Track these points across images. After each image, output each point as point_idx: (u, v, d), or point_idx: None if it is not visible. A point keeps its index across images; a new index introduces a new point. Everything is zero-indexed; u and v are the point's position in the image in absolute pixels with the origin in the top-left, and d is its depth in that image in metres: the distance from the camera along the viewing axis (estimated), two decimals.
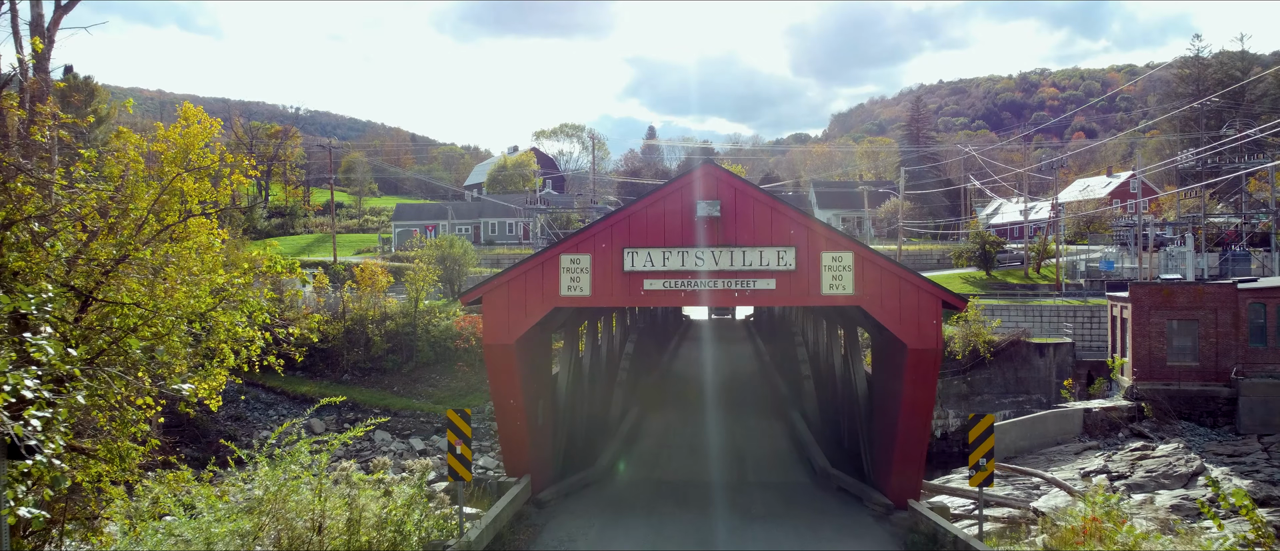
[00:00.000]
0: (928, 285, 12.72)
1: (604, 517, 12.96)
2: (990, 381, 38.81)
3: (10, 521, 9.46)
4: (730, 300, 13.10)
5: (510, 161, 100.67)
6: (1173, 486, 27.37)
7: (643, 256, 12.74)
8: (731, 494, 14.36)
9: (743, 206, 12.84)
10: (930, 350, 12.19)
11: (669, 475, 16.06)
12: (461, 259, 47.55)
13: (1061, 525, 8.90)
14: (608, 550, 11.16)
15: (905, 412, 12.39)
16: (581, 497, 14.30)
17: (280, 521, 7.15)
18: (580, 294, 12.76)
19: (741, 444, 18.57)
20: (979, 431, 9.93)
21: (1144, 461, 29.98)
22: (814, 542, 11.50)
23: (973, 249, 51.01)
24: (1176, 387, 32.47)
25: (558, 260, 12.84)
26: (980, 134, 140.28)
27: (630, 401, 21.99)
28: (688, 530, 12.26)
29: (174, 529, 6.84)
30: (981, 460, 9.79)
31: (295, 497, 7.49)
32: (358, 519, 7.73)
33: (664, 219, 12.84)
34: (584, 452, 17.16)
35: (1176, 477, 28.44)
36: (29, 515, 5.02)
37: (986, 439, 10.47)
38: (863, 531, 12.20)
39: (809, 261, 12.57)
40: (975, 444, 9.91)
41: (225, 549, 6.57)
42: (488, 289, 13.24)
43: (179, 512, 7.12)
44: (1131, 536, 7.07)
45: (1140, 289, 33.85)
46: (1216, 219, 57.87)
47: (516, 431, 12.97)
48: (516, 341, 12.77)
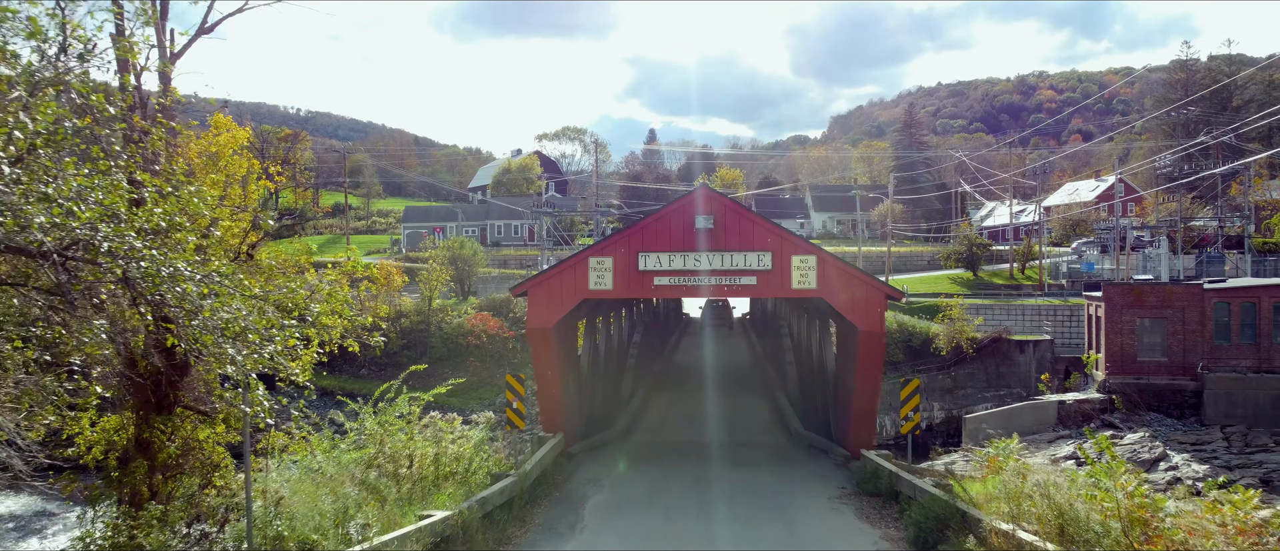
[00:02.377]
0: (874, 282, 16.06)
1: (622, 464, 16.35)
2: (973, 376, 40.22)
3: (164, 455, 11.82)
4: (722, 292, 16.28)
5: (514, 164, 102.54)
6: (1136, 470, 29.48)
7: (654, 258, 16.01)
8: (723, 450, 17.84)
9: (731, 220, 16.14)
10: (877, 332, 15.39)
11: (672, 438, 19.50)
12: (472, 260, 49.53)
13: (970, 463, 11.33)
14: (626, 482, 14.63)
15: (859, 382, 15.59)
16: (602, 452, 17.74)
17: (383, 455, 9.65)
18: (605, 288, 15.98)
19: (732, 416, 21.90)
20: (907, 392, 13.09)
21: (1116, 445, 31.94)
22: (786, 480, 14.82)
23: (960, 251, 52.90)
24: (1146, 382, 33.86)
25: (587, 261, 16.11)
26: (976, 137, 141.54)
27: (638, 383, 25.47)
28: (687, 473, 15.46)
29: (313, 461, 9.22)
30: (909, 413, 12.61)
31: (392, 440, 9.98)
32: (441, 454, 10.24)
33: (670, 230, 16.15)
34: (602, 421, 20.48)
35: (1140, 462, 30.46)
36: None
37: (913, 397, 14.17)
38: (825, 473, 15.45)
39: (782, 263, 15.82)
40: (905, 401, 12.77)
41: (351, 472, 9.01)
42: (532, 284, 16.59)
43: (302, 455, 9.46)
44: (1012, 461, 9.28)
45: (1113, 289, 34.99)
46: (1196, 222, 59.67)
47: (552, 397, 16.26)
48: (554, 326, 16.02)
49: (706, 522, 11.73)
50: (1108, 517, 7.62)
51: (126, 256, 5.63)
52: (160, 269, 5.83)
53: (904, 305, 41.94)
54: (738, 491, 13.93)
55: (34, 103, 5.30)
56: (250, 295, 6.86)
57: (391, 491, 9.44)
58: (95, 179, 5.79)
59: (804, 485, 14.40)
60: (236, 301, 6.54)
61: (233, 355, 6.44)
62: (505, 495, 11.17)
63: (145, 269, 5.67)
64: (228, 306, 6.37)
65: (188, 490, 10.20)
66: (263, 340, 6.78)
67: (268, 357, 6.83)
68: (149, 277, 5.84)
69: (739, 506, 12.81)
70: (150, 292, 6.11)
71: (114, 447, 12.51)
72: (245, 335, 6.71)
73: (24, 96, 5.27)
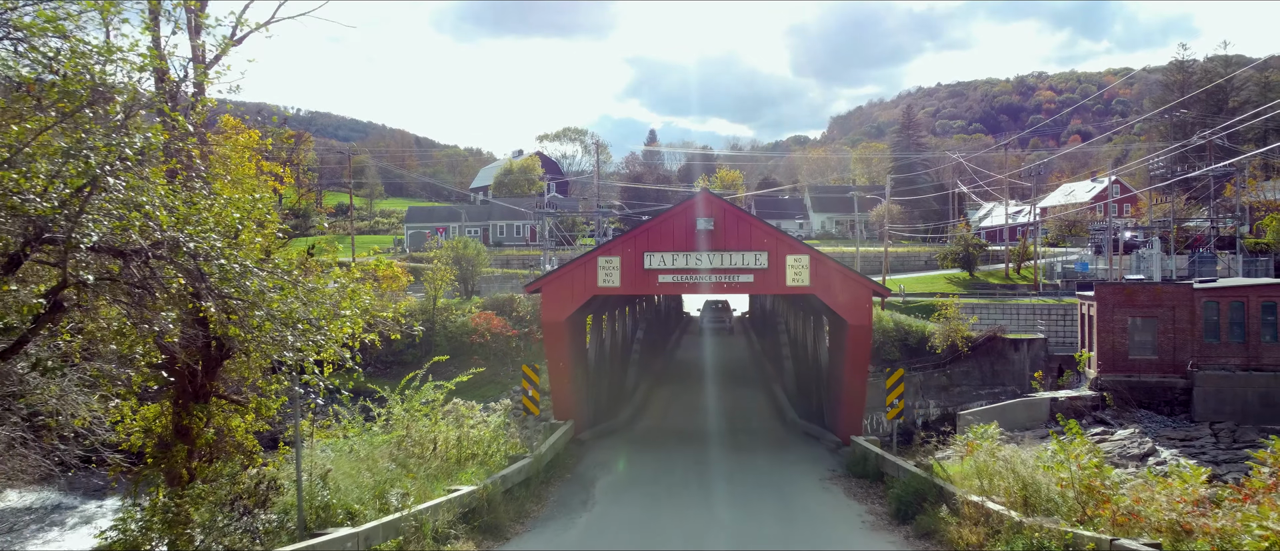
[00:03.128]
0: (863, 279, 17.29)
1: (628, 449, 17.59)
2: (968, 374, 40.75)
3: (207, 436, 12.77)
4: (722, 289, 17.58)
5: (515, 165, 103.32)
6: (1126, 465, 30.28)
7: (658, 258, 17.21)
8: (722, 437, 19.01)
9: (730, 222, 17.29)
10: (865, 326, 16.55)
11: (674, 426, 20.71)
12: (475, 260, 50.26)
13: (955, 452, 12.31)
14: (633, 465, 15.83)
15: (849, 373, 16.74)
16: (610, 438, 18.95)
17: (410, 439, 10.61)
18: (613, 285, 17.17)
19: (732, 407, 23.12)
20: (892, 381, 14.10)
21: (1102, 444, 32.64)
22: (781, 463, 15.98)
23: (957, 251, 53.70)
24: (1137, 379, 34.48)
25: (596, 260, 17.31)
26: (975, 137, 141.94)
27: (642, 377, 26.65)
28: (689, 456, 16.69)
29: (346, 443, 10.16)
30: (894, 401, 13.65)
31: (418, 425, 10.94)
32: (463, 438, 11.21)
33: (673, 231, 17.31)
34: (608, 411, 21.64)
35: (1130, 457, 31.28)
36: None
37: (898, 386, 15.39)
38: (817, 457, 16.59)
39: (778, 261, 16.97)
40: (890, 390, 13.79)
41: (383, 453, 9.96)
42: (545, 281, 17.92)
43: (336, 440, 10.40)
44: (988, 443, 10.19)
45: (1105, 288, 35.60)
46: (1190, 223, 60.43)
47: (564, 386, 17.46)
48: (566, 319, 17.21)
49: (707, 499, 12.71)
50: (1064, 487, 8.54)
51: (207, 255, 6.54)
52: (234, 265, 6.73)
53: (901, 304, 42.74)
54: (736, 473, 14.98)
55: (132, 124, 6.19)
56: (308, 288, 7.76)
57: (420, 469, 10.42)
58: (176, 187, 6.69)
59: (797, 467, 15.48)
60: (298, 293, 7.45)
61: (292, 341, 7.35)
62: (523, 474, 12.19)
63: (223, 266, 6.57)
64: (286, 300, 7.27)
65: (231, 471, 11.14)
66: (313, 329, 7.69)
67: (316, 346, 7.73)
68: (226, 274, 6.74)
69: (737, 485, 13.83)
70: (221, 287, 7.02)
71: (150, 435, 13.43)
72: (296, 324, 7.62)
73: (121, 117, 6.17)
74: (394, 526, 8.73)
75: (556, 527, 11.07)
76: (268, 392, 11.67)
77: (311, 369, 7.89)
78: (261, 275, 7.04)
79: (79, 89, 5.89)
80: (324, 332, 7.74)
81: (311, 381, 8.04)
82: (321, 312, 7.81)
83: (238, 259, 6.78)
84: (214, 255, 6.54)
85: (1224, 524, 7.47)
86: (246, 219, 7.14)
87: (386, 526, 8.64)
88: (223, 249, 6.64)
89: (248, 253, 6.91)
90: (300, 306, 7.47)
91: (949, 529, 9.59)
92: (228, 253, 6.69)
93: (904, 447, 14.89)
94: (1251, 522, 6.81)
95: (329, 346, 7.82)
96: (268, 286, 7.08)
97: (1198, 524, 7.72)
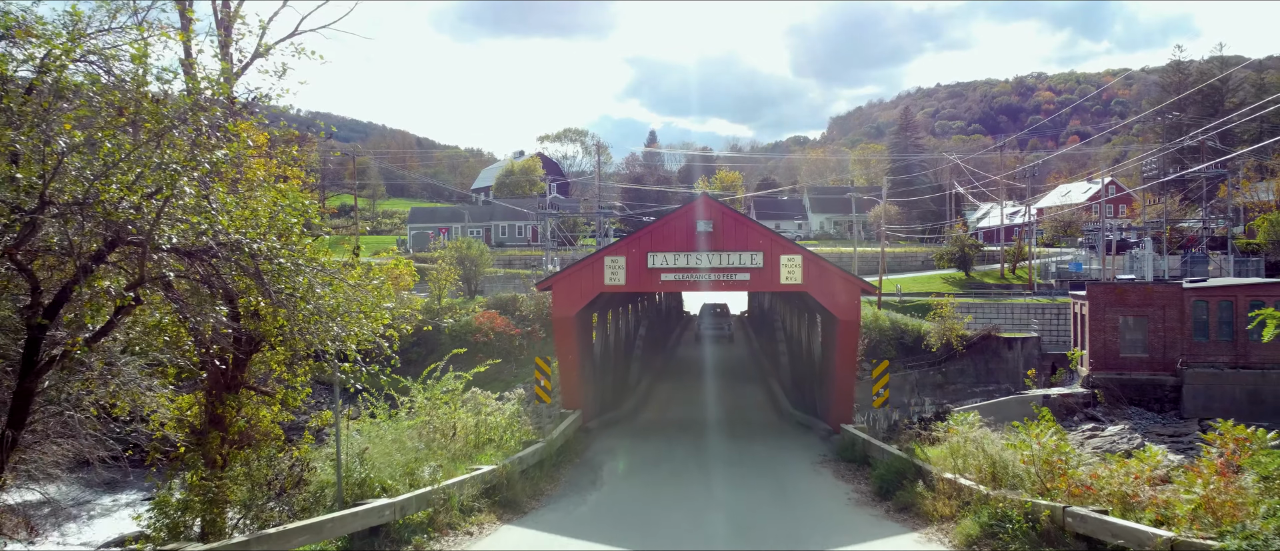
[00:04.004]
0: (852, 277, 18.45)
1: (632, 436, 18.84)
2: (963, 372, 41.39)
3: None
4: (720, 287, 18.79)
5: (517, 166, 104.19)
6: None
7: (661, 257, 18.33)
8: (721, 426, 20.14)
9: (728, 224, 18.39)
10: (853, 321, 17.70)
11: (675, 416, 21.96)
12: (478, 260, 51.05)
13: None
14: (637, 451, 17.00)
15: (839, 365, 17.88)
16: (615, 427, 20.14)
17: (432, 425, 11.59)
18: (619, 283, 18.29)
19: (730, 399, 24.55)
20: (878, 371, 14.99)
21: (1093, 439, 33.48)
22: (776, 449, 17.10)
23: (953, 251, 54.55)
24: (1128, 377, 35.11)
25: (603, 259, 18.49)
26: (974, 138, 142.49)
27: (644, 372, 28.10)
28: (689, 444, 17.84)
29: (374, 428, 11.11)
30: (880, 390, 14.59)
31: (439, 412, 11.92)
32: (481, 424, 12.20)
33: (675, 232, 18.41)
34: (613, 402, 22.83)
35: (1119, 453, 32.12)
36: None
37: (884, 376, 16.81)
38: (810, 444, 17.71)
39: (772, 261, 18.08)
40: (877, 379, 14.78)
41: (409, 436, 10.97)
42: (556, 280, 19.15)
43: (366, 425, 11.37)
44: (966, 427, 11.15)
45: (1097, 288, 36.18)
46: (1184, 224, 61.23)
47: (572, 378, 18.60)
48: (575, 316, 18.30)
49: (706, 481, 13.71)
50: (1027, 463, 9.47)
51: (268, 255, 7.47)
52: (288, 263, 7.66)
53: (898, 304, 43.56)
54: (733, 458, 16.03)
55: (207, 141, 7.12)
56: (352, 284, 8.71)
57: (443, 451, 11.40)
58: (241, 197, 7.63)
59: (791, 453, 16.55)
60: (343, 288, 8.39)
61: (336, 332, 8.29)
62: (537, 457, 13.19)
63: (282, 265, 7.51)
64: (335, 293, 8.21)
65: (268, 454, 12.09)
66: (356, 320, 8.63)
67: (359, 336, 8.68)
68: (281, 271, 7.67)
69: (734, 469, 14.85)
70: (275, 284, 7.95)
71: (182, 424, 14.36)
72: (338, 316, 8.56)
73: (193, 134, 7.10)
74: (425, 498, 9.71)
75: (569, 504, 12.04)
76: (293, 384, 12.64)
77: (353, 356, 8.83)
78: (310, 271, 7.97)
79: (166, 111, 6.83)
80: (369, 320, 8.70)
81: (351, 368, 8.98)
82: (364, 306, 8.75)
83: (291, 257, 7.72)
84: (273, 254, 7.47)
85: (1167, 495, 8.40)
86: (299, 220, 8.05)
87: (418, 498, 9.62)
88: (279, 249, 7.57)
89: (297, 253, 7.83)
90: (343, 300, 8.40)
91: (924, 502, 10.58)
92: (284, 252, 7.62)
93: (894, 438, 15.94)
94: (1181, 491, 7.74)
95: (370, 335, 8.76)
96: (316, 281, 8.02)
97: (1146, 495, 8.64)
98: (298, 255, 7.76)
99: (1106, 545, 7.86)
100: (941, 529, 9.86)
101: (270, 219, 7.76)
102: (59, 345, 8.36)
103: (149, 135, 6.75)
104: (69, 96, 6.73)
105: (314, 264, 8.01)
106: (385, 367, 9.59)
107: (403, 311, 12.52)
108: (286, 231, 7.87)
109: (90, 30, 8.36)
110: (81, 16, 7.97)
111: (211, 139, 7.12)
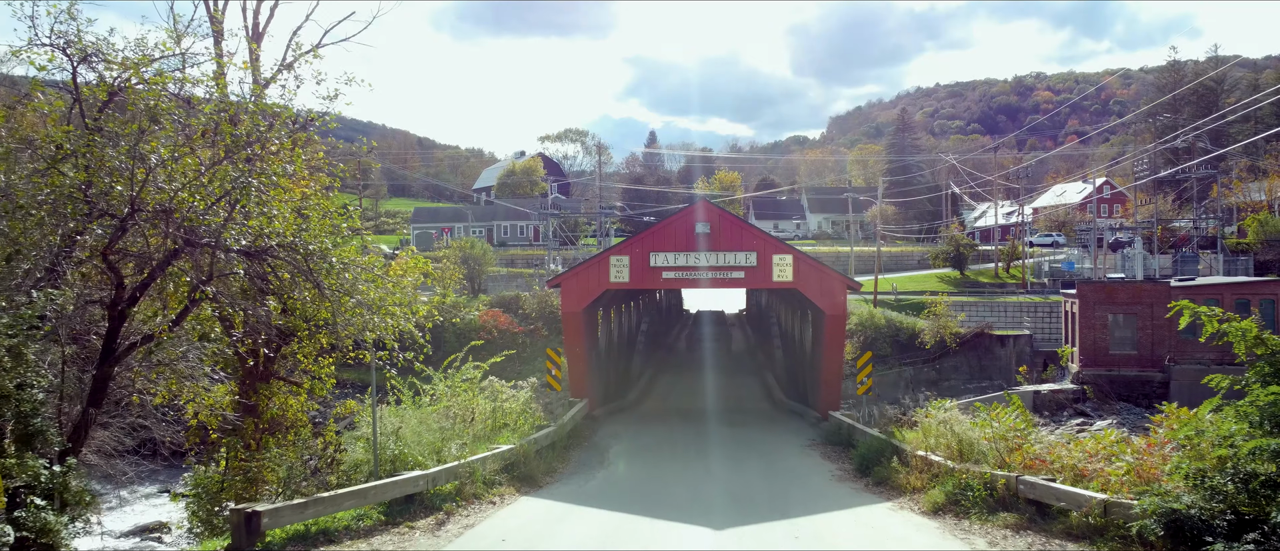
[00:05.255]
0: (838, 275, 19.78)
1: (636, 423, 20.01)
2: (956, 369, 42.07)
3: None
4: (717, 284, 20.14)
5: (518, 166, 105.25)
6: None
7: (662, 257, 19.61)
8: (718, 414, 21.43)
9: (725, 226, 19.71)
10: (840, 316, 19.01)
11: (676, 405, 23.17)
12: (482, 259, 52.03)
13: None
14: (641, 435, 18.25)
15: (826, 356, 19.22)
16: (619, 415, 21.35)
17: (452, 410, 12.79)
18: (623, 280, 19.60)
19: (727, 391, 25.79)
20: (862, 361, 16.17)
21: (1081, 433, 34.39)
22: (769, 434, 18.35)
23: (948, 251, 55.50)
24: (1117, 373, 35.80)
25: (608, 259, 19.84)
26: (973, 138, 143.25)
27: (646, 365, 29.50)
28: (689, 429, 19.08)
29: (400, 413, 12.30)
30: (864, 379, 15.80)
31: (459, 398, 13.12)
32: (496, 410, 13.41)
33: (675, 234, 19.72)
34: (617, 392, 24.16)
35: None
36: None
37: (868, 365, 18.34)
38: (800, 429, 18.93)
39: (765, 260, 19.40)
40: (861, 368, 16.03)
41: (432, 420, 12.17)
42: (564, 278, 20.48)
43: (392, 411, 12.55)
44: (940, 412, 12.30)
45: (1087, 286, 36.79)
46: (1176, 223, 62.18)
47: (580, 369, 19.84)
48: (582, 311, 19.58)
49: (705, 460, 14.96)
50: (990, 441, 10.62)
51: (321, 254, 8.63)
52: (336, 261, 8.82)
53: (893, 302, 44.56)
54: (729, 441, 17.29)
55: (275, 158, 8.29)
56: (391, 280, 9.87)
57: (464, 433, 12.58)
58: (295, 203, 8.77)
59: (783, 437, 17.83)
60: (383, 284, 9.55)
61: (377, 323, 9.44)
62: (549, 439, 14.39)
63: (334, 264, 8.67)
64: (378, 288, 9.37)
65: (304, 437, 13.24)
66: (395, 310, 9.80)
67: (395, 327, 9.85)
68: (330, 269, 8.82)
69: (730, 450, 16.13)
70: (324, 280, 9.11)
71: (215, 413, 15.50)
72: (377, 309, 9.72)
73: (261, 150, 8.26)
74: (452, 472, 10.88)
75: (579, 480, 13.24)
76: (319, 375, 13.83)
77: (391, 344, 9.99)
78: (356, 269, 9.12)
79: (242, 132, 7.98)
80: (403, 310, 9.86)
81: (386, 355, 10.13)
82: (402, 300, 9.91)
83: (340, 256, 8.86)
84: (325, 254, 8.62)
85: (1111, 468, 9.53)
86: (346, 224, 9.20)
87: (446, 471, 10.79)
88: (330, 249, 8.73)
89: (343, 252, 8.94)
90: (382, 294, 9.56)
91: (899, 476, 11.76)
92: (335, 252, 8.77)
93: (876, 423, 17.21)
94: (1116, 461, 8.87)
95: (406, 325, 9.92)
96: (361, 278, 9.17)
97: (1092, 468, 9.78)
98: (343, 254, 8.87)
99: (1052, 507, 8.98)
100: (913, 498, 11.03)
101: (320, 222, 8.88)
102: (131, 337, 9.49)
103: (225, 151, 7.90)
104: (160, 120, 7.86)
105: (356, 263, 9.11)
106: (418, 354, 10.72)
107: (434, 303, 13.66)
108: (334, 232, 9.01)
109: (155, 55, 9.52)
110: (146, 43, 9.13)
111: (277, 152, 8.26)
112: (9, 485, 5.77)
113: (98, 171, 7.34)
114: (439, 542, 9.12)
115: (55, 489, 5.99)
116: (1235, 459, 7.12)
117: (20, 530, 5.64)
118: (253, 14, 16.36)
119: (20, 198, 7.17)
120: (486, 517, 10.39)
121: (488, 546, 9.12)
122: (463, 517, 10.24)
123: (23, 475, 5.85)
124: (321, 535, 8.92)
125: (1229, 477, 6.99)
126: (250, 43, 15.42)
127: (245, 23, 15.22)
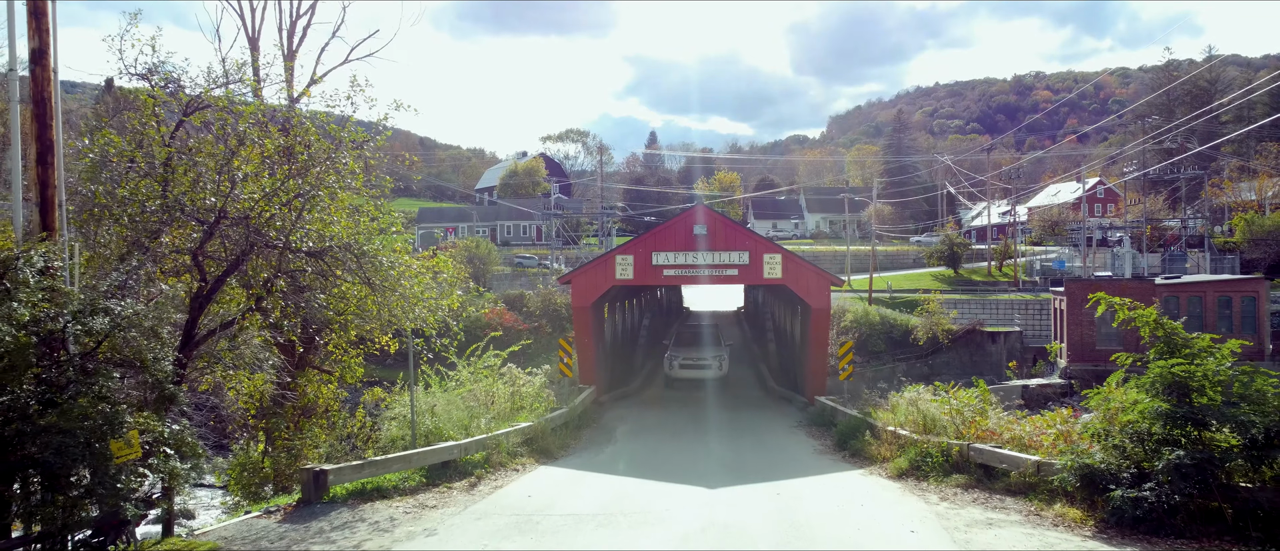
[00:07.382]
0: (823, 272, 21.28)
1: (639, 408, 21.74)
2: (948, 364, 43.15)
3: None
4: (714, 280, 21.78)
5: (521, 167, 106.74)
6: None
7: (663, 256, 21.35)
8: (714, 399, 23.27)
9: (720, 228, 21.46)
10: (824, 309, 20.69)
11: (676, 393, 24.91)
12: (487, 258, 53.60)
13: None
14: (644, 417, 19.91)
15: (813, 346, 20.94)
16: (623, 400, 23.20)
17: (474, 394, 14.43)
18: (628, 277, 21.34)
19: (723, 379, 27.37)
20: (843, 349, 17.67)
21: None
22: (761, 417, 20.10)
23: (942, 250, 56.92)
24: (1103, 368, 36.93)
25: (614, 257, 21.61)
26: (972, 137, 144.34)
27: (648, 357, 31.30)
28: (688, 413, 20.77)
29: (429, 396, 13.94)
30: (845, 365, 17.38)
31: (481, 383, 14.77)
32: (515, 393, 15.06)
33: (675, 235, 21.43)
34: (621, 380, 26.02)
35: None
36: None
37: (848, 354, 19.71)
38: (789, 413, 20.60)
39: (757, 259, 21.16)
40: (842, 355, 17.56)
41: (457, 401, 13.81)
42: (574, 275, 22.17)
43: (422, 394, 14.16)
44: (913, 392, 13.89)
45: (1074, 284, 37.75)
46: (1167, 223, 63.52)
47: (589, 358, 21.52)
48: (590, 305, 21.34)
49: (702, 439, 16.68)
50: (949, 416, 12.20)
51: (372, 255, 10.21)
52: (385, 259, 10.39)
53: (888, 300, 45.97)
54: (725, 423, 19.07)
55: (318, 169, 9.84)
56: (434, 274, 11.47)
57: (487, 413, 14.22)
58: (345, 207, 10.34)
59: (773, 419, 19.55)
60: (425, 280, 11.13)
61: (417, 313, 11.02)
62: (562, 419, 16.11)
63: (385, 264, 10.25)
64: (423, 283, 10.95)
65: (342, 418, 14.88)
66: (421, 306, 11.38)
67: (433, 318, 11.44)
68: (378, 266, 10.39)
69: (725, 430, 17.93)
70: (374, 276, 10.67)
71: (253, 398, 17.05)
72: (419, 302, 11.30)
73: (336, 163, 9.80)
74: (481, 443, 12.53)
75: (590, 453, 14.95)
76: (349, 364, 15.46)
77: (429, 332, 11.58)
78: (401, 266, 10.70)
79: (314, 152, 9.55)
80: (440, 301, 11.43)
81: (423, 343, 11.72)
82: (435, 294, 11.49)
83: (389, 255, 10.44)
84: (376, 254, 10.18)
85: (1045, 435, 11.09)
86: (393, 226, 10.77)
87: (475, 443, 12.43)
88: (381, 249, 10.30)
89: (390, 250, 10.49)
90: (422, 288, 11.13)
91: (871, 448, 13.42)
92: (385, 251, 10.35)
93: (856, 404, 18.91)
94: (1049, 430, 10.44)
95: (442, 316, 11.51)
96: (406, 274, 10.75)
97: (1036, 439, 11.34)
98: (390, 252, 10.43)
99: (997, 469, 10.52)
100: (882, 466, 12.69)
101: (368, 224, 10.43)
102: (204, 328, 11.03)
103: (301, 166, 9.49)
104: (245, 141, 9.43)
105: (401, 260, 10.65)
106: (453, 341, 12.30)
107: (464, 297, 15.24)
108: (383, 232, 10.59)
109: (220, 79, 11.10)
110: (213, 70, 10.71)
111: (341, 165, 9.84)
112: (144, 439, 7.29)
113: (193, 185, 8.88)
114: (473, 499, 10.75)
115: (175, 442, 7.52)
116: (1136, 422, 8.63)
117: (155, 473, 7.16)
118: (288, 34, 18.00)
119: (131, 209, 8.71)
120: (512, 481, 12.06)
121: (516, 500, 10.76)
122: (492, 480, 11.89)
123: (154, 430, 7.38)
124: (376, 491, 10.54)
125: (1128, 437, 8.49)
126: (286, 62, 17.02)
127: (281, 44, 16.83)
